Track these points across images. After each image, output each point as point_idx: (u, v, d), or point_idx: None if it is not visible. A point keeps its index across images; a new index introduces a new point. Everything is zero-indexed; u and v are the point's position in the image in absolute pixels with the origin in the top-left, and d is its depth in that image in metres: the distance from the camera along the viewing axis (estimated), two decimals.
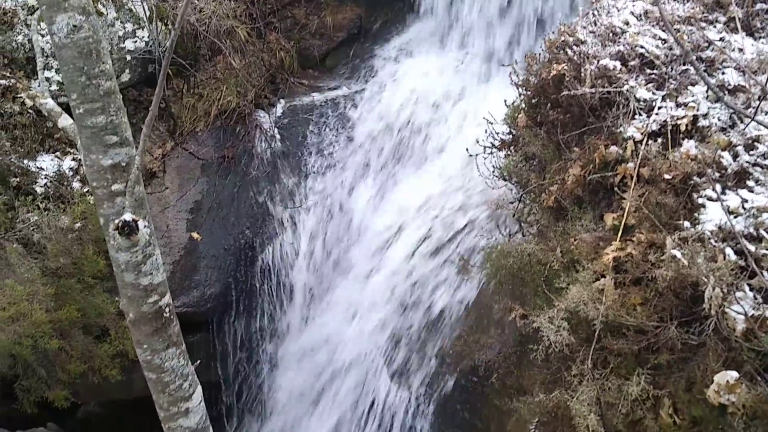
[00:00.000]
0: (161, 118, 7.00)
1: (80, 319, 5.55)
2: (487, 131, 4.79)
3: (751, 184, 3.46)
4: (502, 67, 5.58)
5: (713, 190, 3.40)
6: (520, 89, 4.58)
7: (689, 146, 3.65)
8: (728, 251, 3.18)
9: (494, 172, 4.73)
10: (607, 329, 3.41)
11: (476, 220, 5.39)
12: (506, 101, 4.71)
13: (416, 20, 7.64)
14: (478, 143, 4.83)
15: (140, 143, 1.93)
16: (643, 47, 4.16)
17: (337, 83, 7.41)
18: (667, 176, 3.58)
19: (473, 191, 5.62)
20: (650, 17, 4.33)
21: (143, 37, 6.73)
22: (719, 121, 3.74)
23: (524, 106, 4.55)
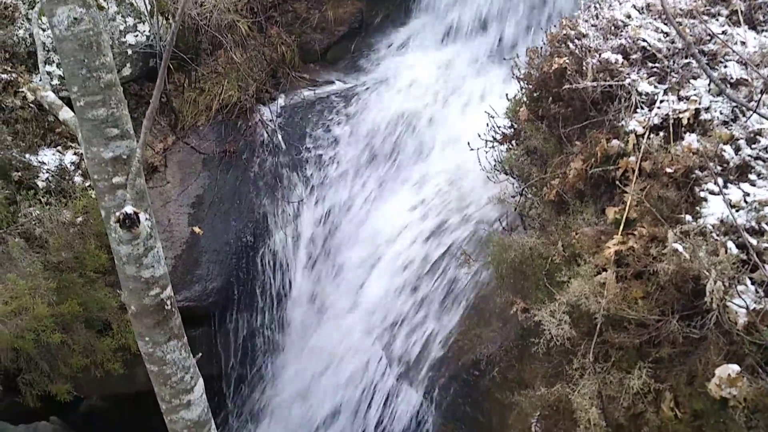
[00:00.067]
0: (162, 112, 6.99)
1: (82, 313, 5.57)
2: (488, 125, 4.78)
3: (753, 177, 3.45)
4: (504, 60, 5.56)
5: (715, 183, 3.39)
6: (521, 83, 4.57)
7: (691, 140, 3.64)
8: (730, 245, 3.17)
9: (496, 165, 4.73)
10: (608, 323, 3.41)
11: (475, 214, 5.41)
12: (508, 95, 4.70)
13: (417, 14, 7.63)
14: (479, 137, 4.82)
15: (141, 136, 1.93)
16: (645, 40, 4.15)
17: (338, 77, 7.40)
18: (668, 170, 3.58)
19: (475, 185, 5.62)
20: (652, 10, 4.32)
21: (144, 31, 6.72)
22: (721, 114, 3.73)
23: (526, 99, 4.54)
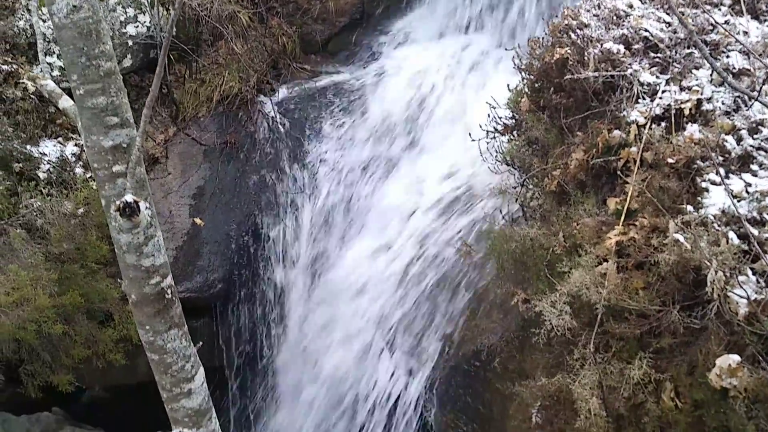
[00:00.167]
0: (163, 103, 6.98)
1: (84, 304, 5.58)
2: (489, 116, 4.77)
3: (755, 168, 3.44)
4: (505, 51, 5.54)
5: (717, 174, 3.39)
6: (523, 73, 4.56)
7: (693, 130, 3.63)
8: (731, 235, 3.17)
9: (497, 156, 4.72)
10: (609, 313, 3.41)
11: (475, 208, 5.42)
12: (509, 85, 4.69)
13: (419, 5, 7.60)
14: (481, 128, 4.81)
15: (141, 124, 1.93)
16: (647, 30, 4.14)
17: (339, 68, 7.38)
18: (670, 160, 3.57)
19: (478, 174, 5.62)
20: (654, 0, 4.30)
21: (145, 22, 6.71)
22: (723, 104, 3.72)
23: (527, 90, 4.52)
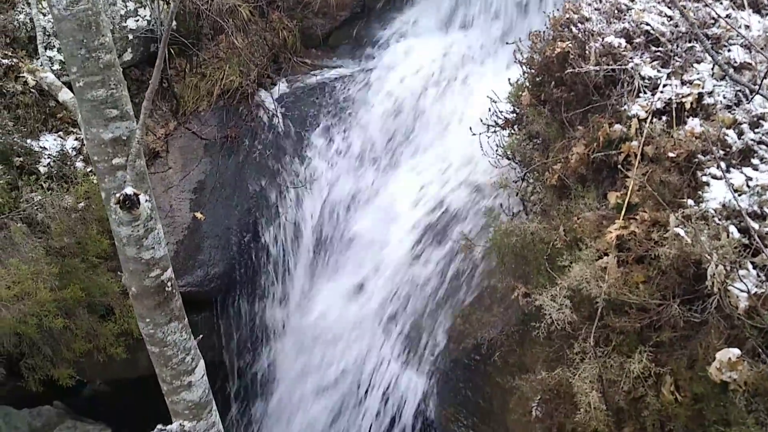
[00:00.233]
0: (164, 97, 6.98)
1: (84, 298, 5.58)
2: (490, 110, 4.77)
3: (755, 162, 3.44)
4: (506, 45, 5.53)
5: (718, 168, 3.38)
6: (524, 67, 4.55)
7: (694, 124, 3.63)
8: (732, 229, 3.17)
9: (498, 150, 4.71)
10: (609, 307, 3.41)
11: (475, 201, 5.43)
12: (510, 80, 4.68)
13: None
14: (482, 122, 4.80)
15: (141, 117, 1.93)
16: (648, 24, 4.13)
17: (339, 62, 7.37)
18: (671, 154, 3.57)
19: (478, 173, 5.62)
20: None
21: (145, 16, 6.69)
22: (724, 98, 3.71)
23: (528, 84, 4.52)
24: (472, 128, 4.83)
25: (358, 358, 5.68)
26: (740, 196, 3.27)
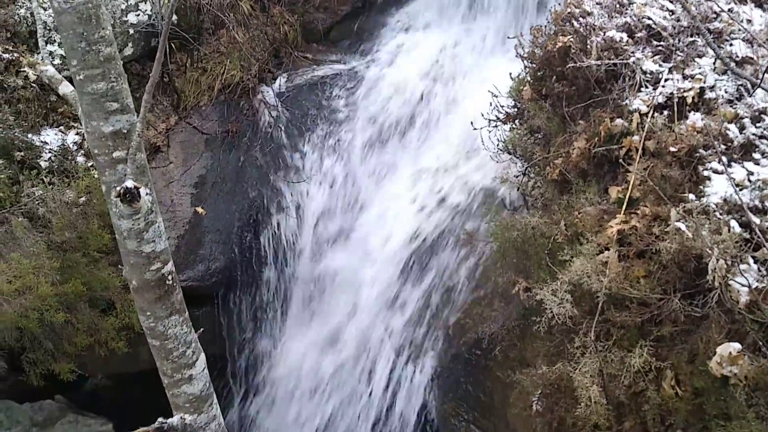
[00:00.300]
0: (165, 92, 6.97)
1: (86, 292, 5.59)
2: (492, 104, 4.76)
3: (757, 156, 3.44)
4: (508, 39, 5.51)
5: (719, 162, 3.38)
6: (525, 62, 4.54)
7: (695, 119, 3.62)
8: (733, 223, 3.17)
9: (499, 145, 4.70)
10: (610, 302, 3.41)
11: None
12: (511, 74, 4.67)
13: None
14: (483, 116, 4.79)
15: (141, 110, 1.93)
16: (650, 18, 4.12)
17: (341, 57, 7.35)
18: (672, 149, 3.56)
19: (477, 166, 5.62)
20: None
21: (146, 10, 6.68)
22: (726, 93, 3.71)
23: (529, 78, 4.51)
24: (473, 123, 4.82)
25: None
26: (741, 190, 3.26)
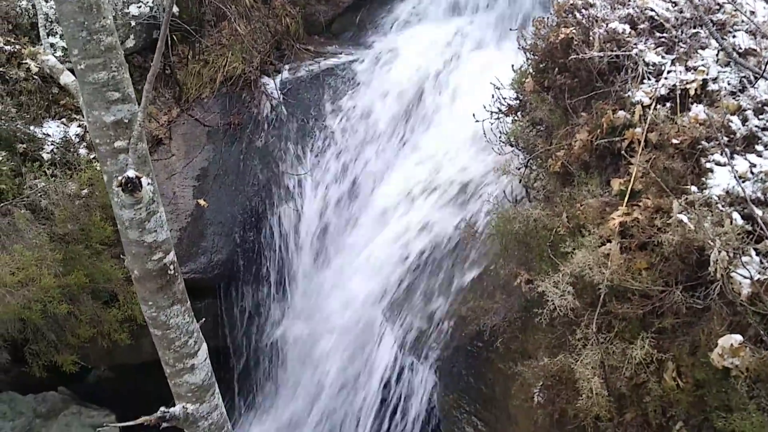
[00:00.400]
0: (167, 84, 6.96)
1: (88, 284, 5.61)
2: (494, 96, 4.75)
3: (759, 148, 3.43)
4: (512, 31, 5.50)
5: (722, 154, 3.37)
6: (527, 54, 4.53)
7: (698, 111, 3.61)
8: (735, 216, 3.17)
9: (501, 137, 4.70)
10: (612, 294, 3.41)
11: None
12: (513, 66, 4.66)
13: None
14: (485, 108, 4.79)
15: (143, 99, 1.93)
16: (653, 10, 4.11)
17: (342, 49, 7.32)
18: (675, 141, 3.56)
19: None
20: None
21: (148, 2, 6.66)
22: (729, 85, 3.70)
23: (531, 70, 4.50)
24: (475, 115, 4.81)
25: None
26: (744, 182, 3.26)
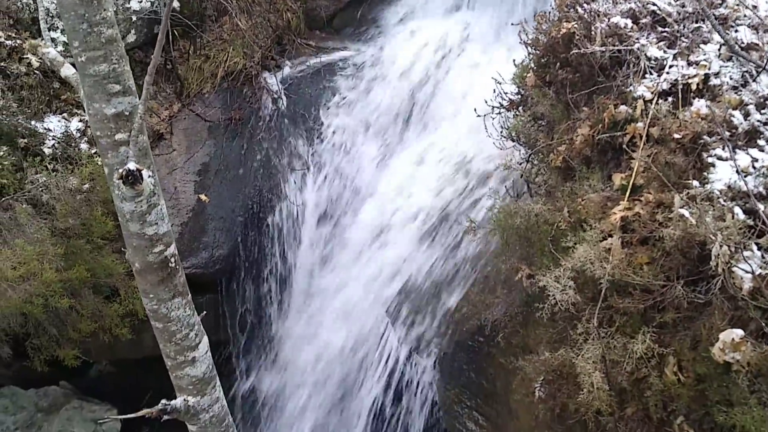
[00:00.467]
0: (168, 79, 6.96)
1: (90, 279, 5.61)
2: (495, 91, 4.74)
3: (761, 143, 3.42)
4: (513, 27, 5.48)
5: (724, 148, 3.36)
6: (529, 48, 4.52)
7: (700, 105, 3.60)
8: (737, 210, 3.16)
9: (502, 132, 4.69)
10: (613, 288, 3.41)
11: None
12: (515, 61, 4.65)
13: None
14: (486, 103, 4.78)
15: (143, 92, 1.93)
16: (655, 4, 4.09)
17: (343, 45, 7.32)
18: (676, 136, 3.55)
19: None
20: None
21: None
22: (731, 79, 3.69)
23: (533, 65, 4.49)
24: (476, 110, 4.81)
25: None
26: (746, 177, 3.25)
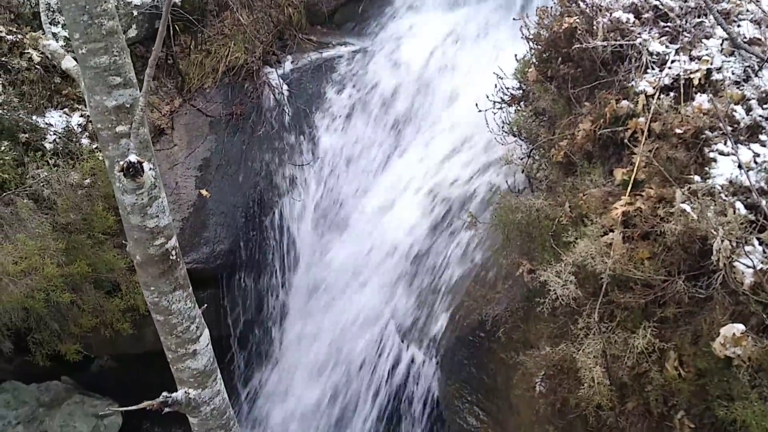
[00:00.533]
0: (169, 74, 6.95)
1: (91, 273, 5.62)
2: (497, 86, 4.73)
3: (763, 138, 3.41)
4: (515, 21, 5.47)
5: (726, 144, 3.36)
6: (530, 43, 4.51)
7: (702, 100, 3.60)
8: (738, 205, 3.16)
9: (504, 127, 4.69)
10: (614, 283, 3.41)
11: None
12: (516, 56, 4.65)
13: None
14: (488, 98, 4.78)
15: (144, 84, 1.92)
16: None
17: (345, 40, 7.31)
18: (678, 131, 3.54)
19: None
20: None
21: None
22: (733, 74, 3.68)
23: (535, 60, 4.48)
24: (477, 104, 4.80)
25: None
26: (747, 172, 3.25)
